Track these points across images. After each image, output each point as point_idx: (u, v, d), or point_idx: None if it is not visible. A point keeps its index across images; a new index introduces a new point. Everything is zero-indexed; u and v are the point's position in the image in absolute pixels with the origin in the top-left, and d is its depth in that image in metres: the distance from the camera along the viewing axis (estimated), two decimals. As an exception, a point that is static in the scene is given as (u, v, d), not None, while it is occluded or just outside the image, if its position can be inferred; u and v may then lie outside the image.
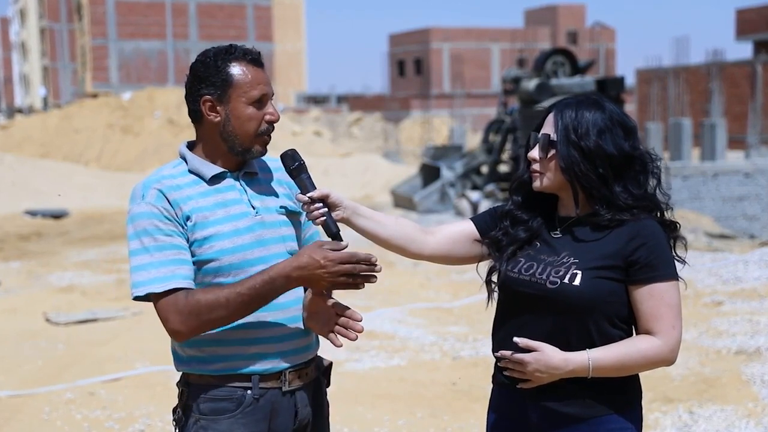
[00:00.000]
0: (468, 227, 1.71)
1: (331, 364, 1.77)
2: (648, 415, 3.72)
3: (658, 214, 1.59)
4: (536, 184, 1.60)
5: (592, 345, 1.53)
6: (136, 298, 1.56)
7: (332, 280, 1.53)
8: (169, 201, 1.56)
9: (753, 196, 12.28)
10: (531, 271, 1.57)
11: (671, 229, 1.58)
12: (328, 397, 1.76)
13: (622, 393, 1.56)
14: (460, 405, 3.97)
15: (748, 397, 3.97)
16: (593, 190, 1.54)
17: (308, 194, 1.60)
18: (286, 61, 34.89)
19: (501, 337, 1.62)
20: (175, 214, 1.57)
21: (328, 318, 1.63)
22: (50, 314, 5.88)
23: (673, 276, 1.54)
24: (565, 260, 1.54)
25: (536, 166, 1.59)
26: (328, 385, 1.76)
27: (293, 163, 1.62)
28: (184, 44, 27.24)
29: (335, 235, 1.58)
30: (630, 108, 25.15)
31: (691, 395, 4.01)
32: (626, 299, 1.54)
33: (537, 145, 1.60)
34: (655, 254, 1.52)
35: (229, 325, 1.59)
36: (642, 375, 1.62)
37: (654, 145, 15.56)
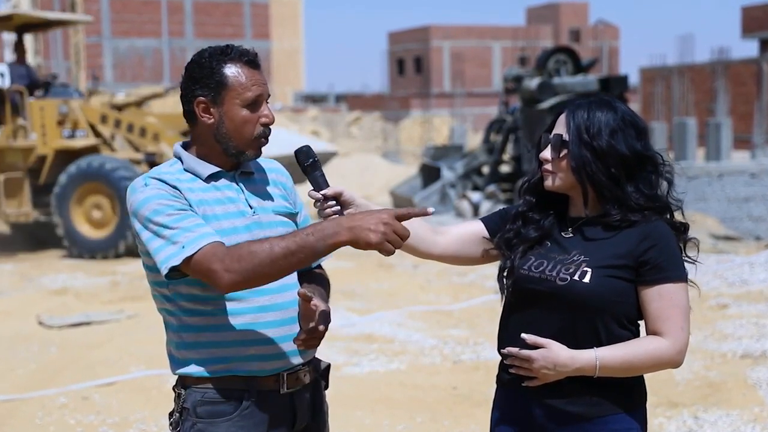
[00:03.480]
0: (478, 227, 1.71)
1: (329, 365, 1.74)
2: (652, 420, 3.67)
3: (669, 216, 1.59)
4: (548, 183, 1.60)
5: (600, 344, 1.52)
6: (172, 271, 1.49)
7: (378, 245, 1.42)
8: (171, 186, 1.56)
9: (759, 197, 12.20)
10: (541, 269, 1.57)
11: (681, 231, 1.58)
12: (326, 400, 1.75)
13: (627, 393, 1.55)
14: (461, 410, 3.93)
15: (754, 401, 3.94)
16: (605, 190, 1.55)
17: (321, 192, 1.58)
18: (283, 59, 34.70)
19: (508, 335, 1.61)
20: (180, 194, 1.55)
21: (311, 320, 1.60)
22: (43, 317, 5.82)
23: (683, 278, 1.54)
24: (575, 258, 1.54)
25: (548, 167, 1.59)
26: (327, 387, 1.73)
27: (307, 160, 1.60)
28: (180, 42, 27.08)
29: None
30: (634, 107, 25.00)
31: (696, 400, 3.97)
32: (635, 300, 1.54)
33: (549, 145, 1.60)
34: (665, 255, 1.52)
35: (226, 327, 1.56)
36: (646, 378, 1.61)
37: (658, 145, 15.48)
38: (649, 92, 24.78)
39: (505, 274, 1.63)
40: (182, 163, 1.62)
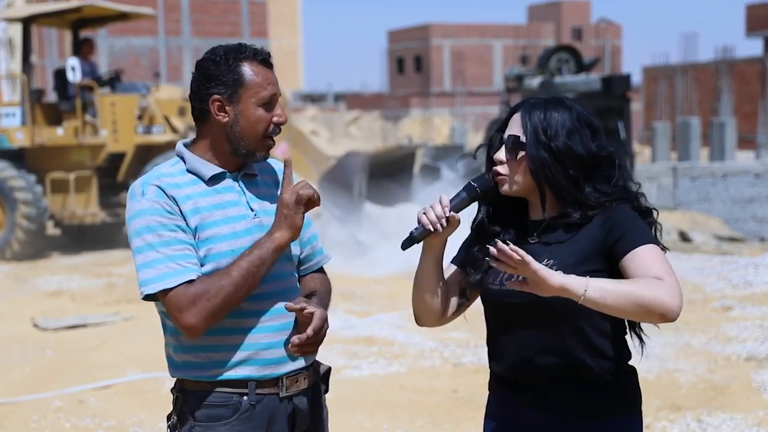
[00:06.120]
0: (454, 273, 1.66)
1: (329, 369, 1.72)
2: (655, 424, 3.63)
3: (633, 202, 1.55)
4: (504, 188, 1.56)
5: (588, 342, 1.50)
6: (147, 297, 1.53)
7: (300, 206, 1.56)
8: (168, 197, 1.55)
9: (763, 197, 12.15)
10: (512, 280, 1.52)
11: (645, 215, 1.54)
12: (326, 403, 1.73)
13: (621, 397, 1.53)
14: (461, 413, 3.88)
15: (759, 404, 3.90)
16: (564, 192, 1.52)
17: (451, 213, 1.55)
18: (282, 58, 34.49)
19: (498, 353, 1.58)
20: (176, 209, 1.55)
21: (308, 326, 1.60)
22: (38, 319, 5.80)
23: (653, 241, 1.49)
24: (544, 263, 1.51)
25: (502, 169, 1.55)
26: (327, 390, 1.71)
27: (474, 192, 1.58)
28: (177, 41, 26.84)
29: (411, 239, 1.54)
30: (637, 107, 25.04)
31: (700, 403, 3.93)
32: None
33: (503, 146, 1.55)
34: (627, 226, 1.49)
35: (225, 331, 1.56)
36: (648, 382, 1.59)
37: (661, 144, 15.46)
38: (652, 91, 24.76)
39: (473, 291, 1.59)
40: (185, 163, 1.60)
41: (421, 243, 1.57)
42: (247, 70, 1.56)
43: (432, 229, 1.53)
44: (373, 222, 8.62)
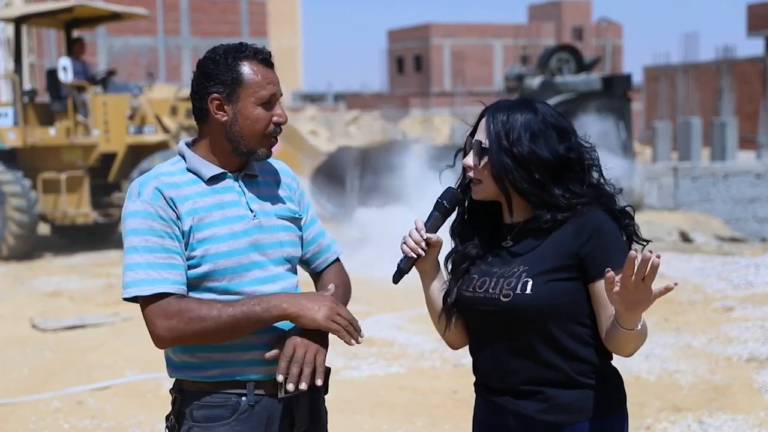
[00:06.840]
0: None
1: (329, 370, 1.69)
2: (656, 425, 3.63)
3: (608, 203, 1.53)
4: (474, 194, 1.56)
5: (561, 346, 1.49)
6: (125, 299, 1.55)
7: (325, 321, 1.52)
8: (165, 199, 1.54)
9: (764, 197, 12.15)
10: (485, 287, 1.54)
11: (622, 217, 1.52)
12: (325, 404, 1.72)
13: (600, 399, 1.52)
14: (462, 414, 3.87)
15: (760, 405, 3.90)
16: (530, 196, 1.51)
17: (426, 235, 1.58)
18: (281, 57, 34.40)
19: (481, 363, 1.58)
20: (171, 213, 1.54)
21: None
22: (37, 320, 5.79)
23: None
24: (515, 270, 1.52)
25: (472, 174, 1.55)
26: (326, 392, 1.70)
27: (445, 200, 1.60)
28: (176, 41, 26.76)
29: (400, 271, 1.56)
30: (638, 106, 25.04)
31: (701, 404, 3.92)
32: (585, 296, 1.50)
33: (471, 151, 1.55)
34: (605, 245, 1.48)
35: None
36: (649, 383, 1.58)
37: (662, 144, 15.44)
38: (653, 91, 24.78)
39: (451, 298, 1.59)
40: (185, 162, 1.60)
41: (415, 271, 1.59)
42: (246, 69, 1.55)
43: (415, 256, 1.55)
44: (368, 219, 8.56)
